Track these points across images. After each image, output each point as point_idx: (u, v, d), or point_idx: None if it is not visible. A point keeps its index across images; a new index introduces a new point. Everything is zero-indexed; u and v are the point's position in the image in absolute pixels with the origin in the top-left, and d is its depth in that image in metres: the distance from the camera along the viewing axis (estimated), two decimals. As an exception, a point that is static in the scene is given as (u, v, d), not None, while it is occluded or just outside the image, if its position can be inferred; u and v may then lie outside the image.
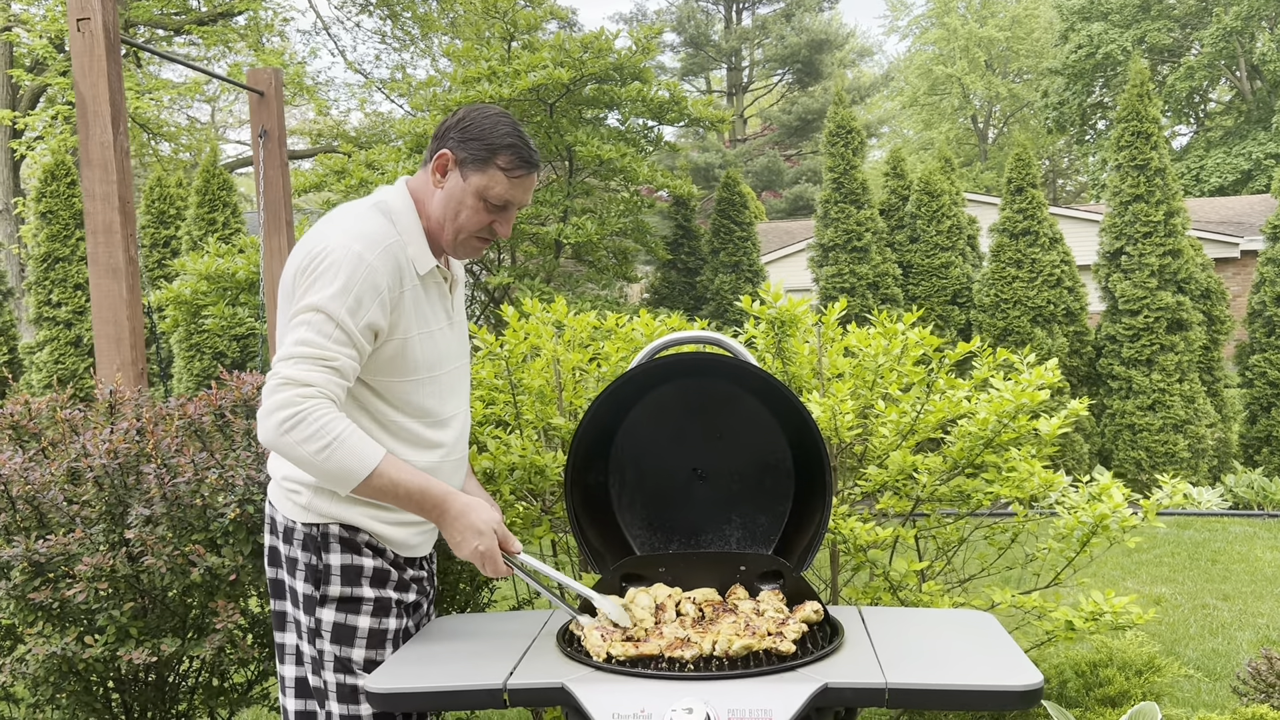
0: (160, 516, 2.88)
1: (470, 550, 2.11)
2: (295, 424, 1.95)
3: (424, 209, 2.22)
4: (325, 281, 2.03)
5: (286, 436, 1.95)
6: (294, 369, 1.98)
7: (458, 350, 2.36)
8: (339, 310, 2.01)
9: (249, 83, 6.73)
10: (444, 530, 2.13)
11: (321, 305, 2.01)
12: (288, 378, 1.97)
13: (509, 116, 2.24)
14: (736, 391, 2.61)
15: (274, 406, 1.96)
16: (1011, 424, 2.97)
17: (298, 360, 1.99)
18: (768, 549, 2.66)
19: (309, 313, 2.02)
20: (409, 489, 2.06)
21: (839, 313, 3.29)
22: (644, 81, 9.41)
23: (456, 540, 2.12)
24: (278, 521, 2.25)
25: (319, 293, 2.02)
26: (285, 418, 1.95)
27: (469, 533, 2.10)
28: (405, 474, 2.06)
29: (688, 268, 11.54)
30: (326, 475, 2.00)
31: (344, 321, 2.02)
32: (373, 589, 2.20)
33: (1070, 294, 9.61)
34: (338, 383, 2.02)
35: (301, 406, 1.95)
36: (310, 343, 2.00)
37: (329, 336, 2.01)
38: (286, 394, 1.96)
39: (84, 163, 4.99)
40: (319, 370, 1.99)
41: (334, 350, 2.01)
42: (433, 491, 2.09)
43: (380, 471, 2.02)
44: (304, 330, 2.01)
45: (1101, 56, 32.44)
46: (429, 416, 2.25)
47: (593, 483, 2.65)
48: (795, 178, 34.12)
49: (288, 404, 1.95)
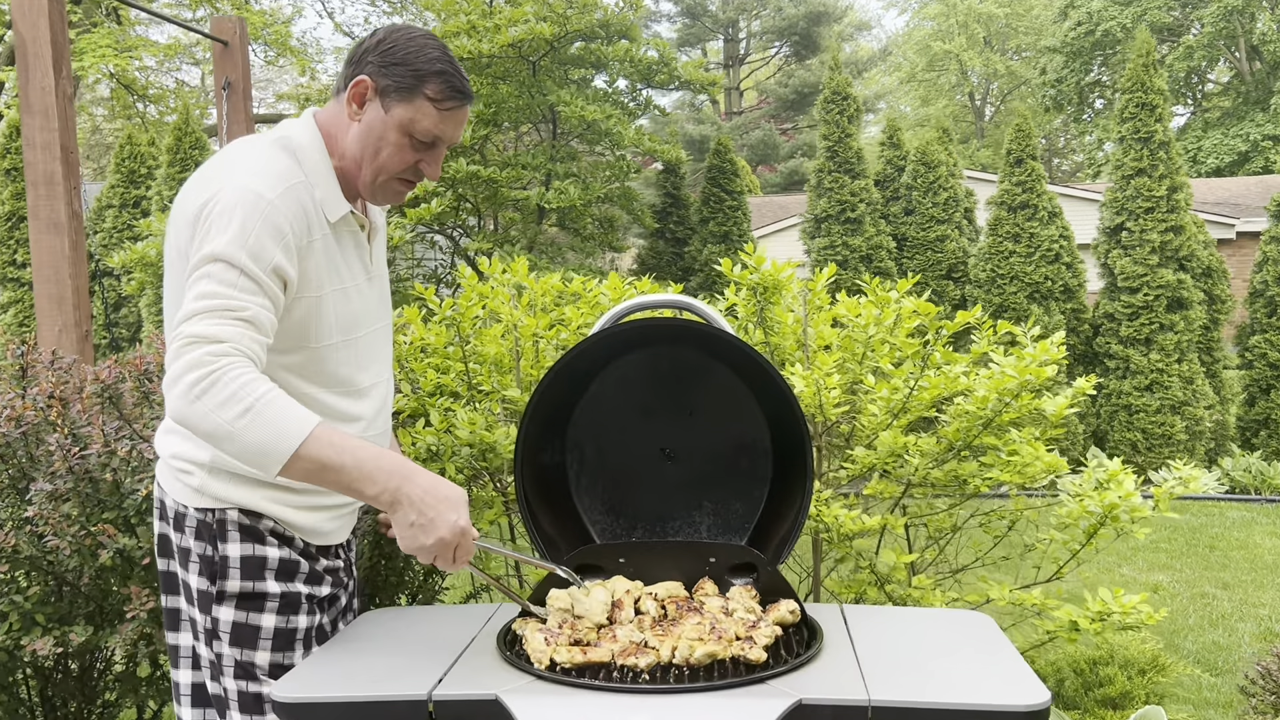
0: (66, 492, 2.59)
1: (450, 525, 1.68)
2: (209, 386, 1.60)
3: (336, 146, 1.91)
4: (219, 227, 1.72)
5: (198, 403, 1.60)
6: (200, 325, 1.65)
7: (377, 309, 2.07)
8: (239, 254, 1.70)
9: (214, 31, 6.38)
10: (406, 507, 1.67)
11: (219, 253, 1.70)
12: (194, 335, 1.64)
13: (436, 39, 1.93)
14: (710, 362, 2.33)
15: (181, 369, 1.62)
16: (1014, 403, 2.69)
17: (202, 315, 1.66)
18: (741, 538, 2.39)
19: (207, 264, 1.71)
20: (359, 452, 1.67)
21: (827, 279, 3.01)
22: (632, 40, 9.05)
23: (429, 517, 1.68)
24: (167, 506, 1.95)
25: (214, 240, 1.71)
26: (195, 380, 1.61)
27: (444, 505, 1.69)
28: (350, 442, 1.68)
29: (676, 238, 11.22)
30: (249, 449, 1.63)
31: (247, 266, 1.70)
32: (278, 583, 1.91)
33: (1069, 270, 9.33)
34: (253, 338, 1.69)
35: (215, 366, 1.62)
36: (214, 294, 1.68)
37: (234, 285, 1.69)
38: (195, 353, 1.62)
39: (24, 109, 4.66)
40: (230, 324, 1.67)
41: (243, 299, 1.69)
42: (390, 456, 1.71)
43: (320, 434, 1.64)
44: (204, 283, 1.69)
45: (1101, 34, 32.14)
46: (345, 386, 1.96)
47: (547, 462, 2.38)
48: (791, 152, 33.79)
49: (197, 364, 1.61)
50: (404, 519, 1.68)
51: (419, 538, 1.68)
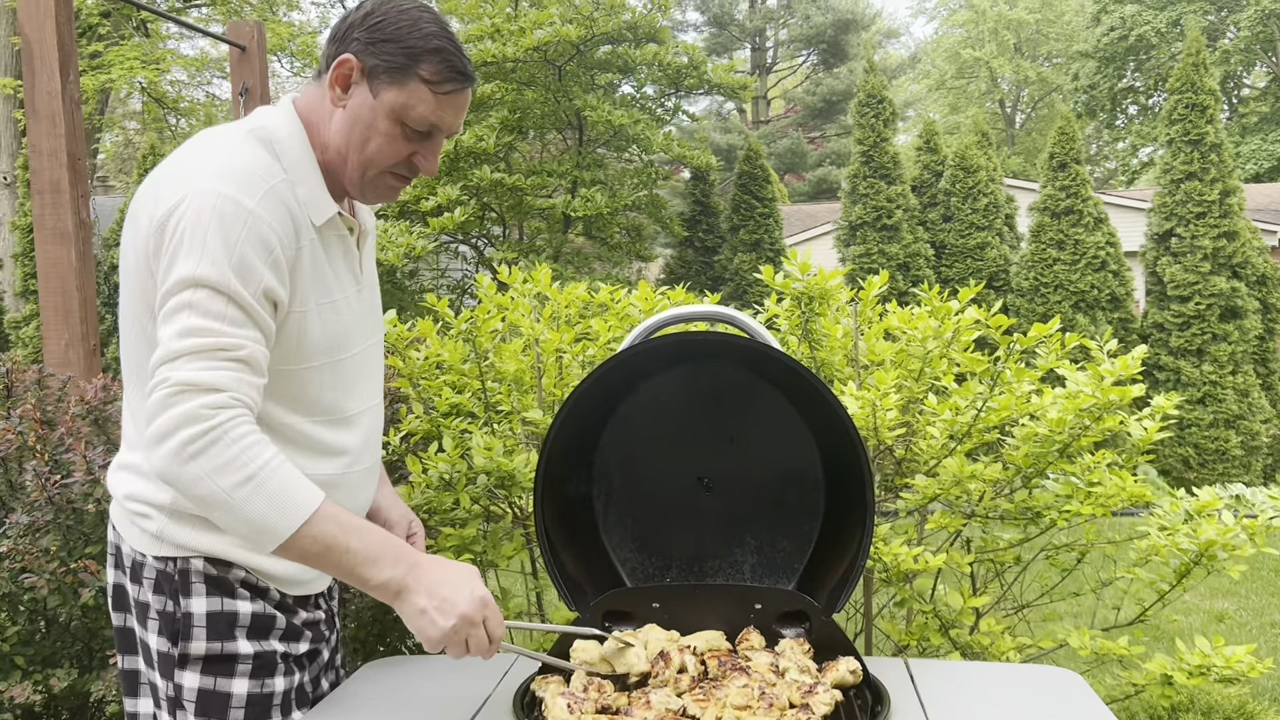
0: (45, 525, 2.36)
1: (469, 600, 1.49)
2: (206, 446, 1.38)
3: (319, 136, 1.65)
4: (194, 243, 1.45)
5: (192, 464, 1.38)
6: (189, 369, 1.40)
7: (367, 324, 1.79)
8: (225, 278, 1.45)
9: (230, 36, 6.20)
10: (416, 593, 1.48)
11: (200, 277, 1.44)
12: (184, 383, 1.39)
13: (433, 11, 1.66)
14: (753, 381, 2.07)
15: (172, 424, 1.38)
16: (1093, 426, 2.40)
17: (190, 357, 1.42)
18: (790, 582, 2.12)
19: (186, 290, 1.45)
20: (366, 534, 1.48)
21: (879, 287, 2.73)
22: (660, 43, 8.79)
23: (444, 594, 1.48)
24: (124, 553, 1.68)
25: (189, 260, 1.45)
26: (190, 437, 1.37)
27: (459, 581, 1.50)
28: (357, 522, 1.49)
29: (706, 246, 10.94)
30: (246, 522, 1.42)
31: (236, 292, 1.45)
32: (251, 642, 1.65)
33: (1116, 278, 8.97)
34: (250, 382, 1.45)
35: (214, 421, 1.38)
36: (199, 330, 1.43)
37: (222, 317, 1.44)
38: (189, 404, 1.38)
39: (29, 115, 4.48)
40: (222, 366, 1.42)
41: (235, 335, 1.44)
42: (397, 542, 1.51)
43: (326, 513, 1.44)
44: (187, 316, 1.43)
45: (1135, 39, 31.65)
46: (329, 414, 1.69)
47: (571, 494, 2.12)
48: (819, 160, 33.49)
49: (192, 418, 1.38)
50: (414, 606, 1.49)
51: (438, 621, 1.49)
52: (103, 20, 17.23)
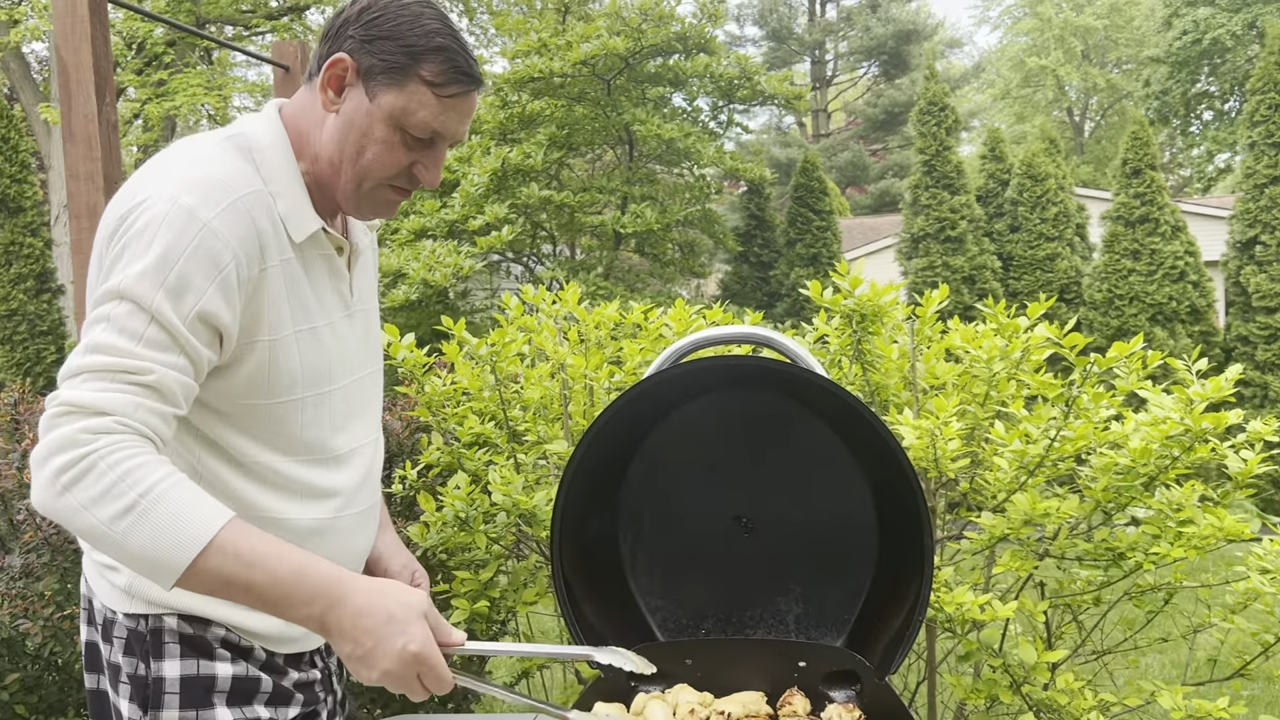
0: (40, 568, 2.22)
1: (395, 654, 1.29)
2: (79, 475, 1.21)
3: (307, 145, 1.49)
4: (134, 252, 1.30)
5: (67, 496, 1.21)
6: (81, 389, 1.25)
7: (360, 353, 1.62)
8: (151, 294, 1.29)
9: (274, 56, 6.16)
10: (341, 637, 1.30)
11: (127, 289, 1.28)
12: (70, 404, 1.23)
13: (435, 7, 1.49)
14: (797, 411, 1.88)
15: (48, 449, 1.22)
16: (1183, 456, 2.13)
17: (89, 375, 1.26)
18: (839, 636, 1.90)
19: (110, 302, 1.29)
20: (275, 568, 1.26)
21: (938, 303, 2.49)
22: (711, 54, 8.60)
23: (367, 647, 1.29)
24: (95, 609, 1.53)
25: (125, 270, 1.30)
26: (63, 465, 1.21)
27: (383, 628, 1.29)
28: (268, 544, 1.28)
29: (761, 261, 10.70)
30: (134, 559, 1.24)
31: (160, 311, 1.29)
32: (231, 709, 1.47)
33: (1196, 289, 8.53)
34: (153, 408, 1.28)
35: (90, 448, 1.21)
36: (108, 347, 1.27)
37: (137, 337, 1.28)
38: (68, 429, 1.22)
39: (66, 138, 4.42)
40: (120, 389, 1.26)
41: (146, 358, 1.28)
42: (317, 570, 1.30)
43: (222, 544, 1.24)
44: (99, 330, 1.28)
45: (1209, 43, 30.73)
46: (314, 453, 1.52)
47: (594, 535, 1.93)
48: (881, 173, 33.04)
49: (68, 443, 1.21)
50: (340, 649, 1.31)
51: (361, 671, 1.31)
52: (168, 49, 17.59)
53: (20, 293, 9.99)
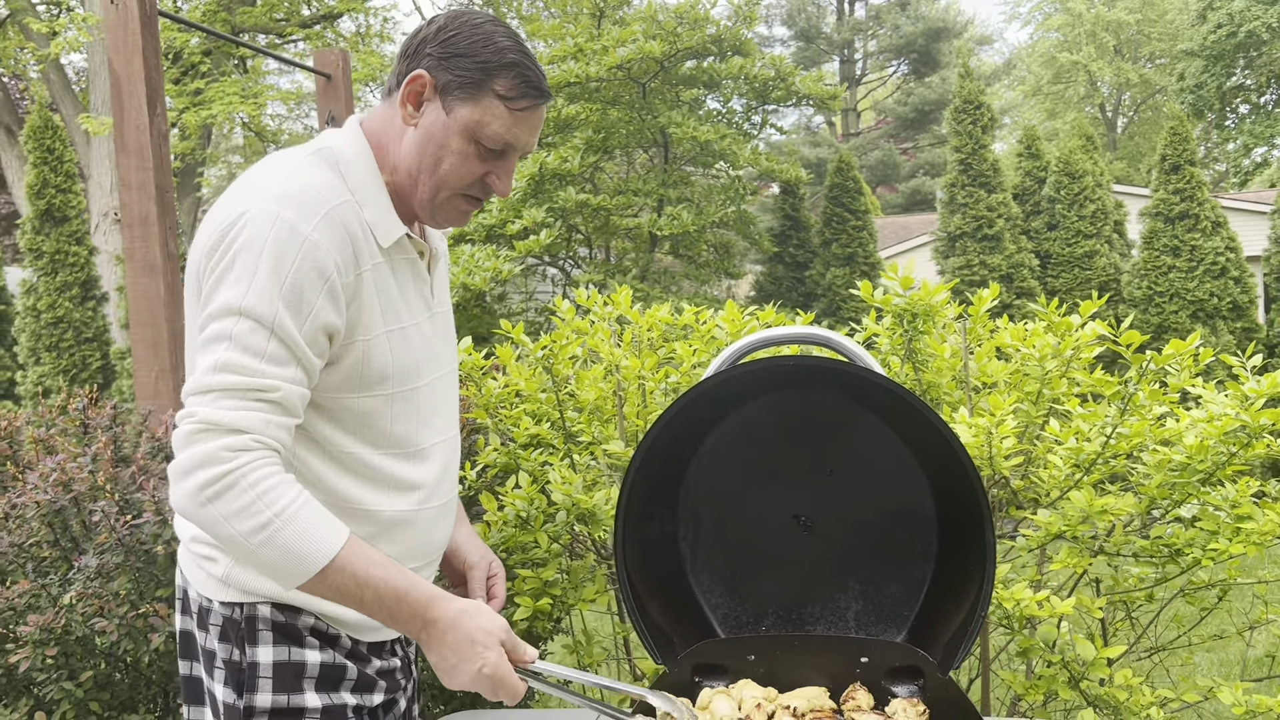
0: (115, 568, 2.29)
1: (473, 674, 1.45)
2: (223, 490, 1.32)
3: (387, 157, 1.57)
4: (244, 269, 1.38)
5: (209, 508, 1.33)
6: (215, 408, 1.34)
7: (441, 352, 1.70)
8: (271, 310, 1.37)
9: (316, 65, 6.24)
10: (430, 650, 1.47)
11: (245, 306, 1.37)
12: (207, 422, 1.33)
13: (507, 26, 1.58)
14: (854, 409, 1.89)
15: (191, 464, 1.33)
16: (1241, 452, 2.14)
17: (220, 395, 1.35)
18: (900, 632, 1.92)
19: (226, 318, 1.38)
20: (381, 589, 1.41)
21: (990, 301, 2.51)
22: (745, 55, 8.62)
23: (451, 663, 1.45)
24: (190, 598, 1.61)
25: (235, 286, 1.38)
26: (207, 481, 1.32)
27: (465, 649, 1.45)
28: (377, 568, 1.42)
29: (796, 261, 10.69)
30: (264, 566, 1.39)
31: (281, 326, 1.38)
32: (320, 695, 1.55)
33: (1237, 285, 8.44)
34: (280, 423, 1.38)
35: (232, 465, 1.32)
36: (235, 366, 1.36)
37: (261, 354, 1.37)
38: (209, 446, 1.32)
39: (118, 149, 4.53)
40: (251, 408, 1.35)
41: (271, 374, 1.37)
42: (415, 594, 1.45)
43: (341, 565, 1.38)
44: (223, 348, 1.36)
45: (1244, 35, 30.31)
46: (402, 446, 1.60)
47: (655, 535, 1.96)
48: (912, 171, 32.87)
49: (211, 459, 1.32)
50: (431, 659, 1.49)
51: (448, 679, 1.49)
52: (204, 59, 17.83)
53: (66, 300, 10.19)
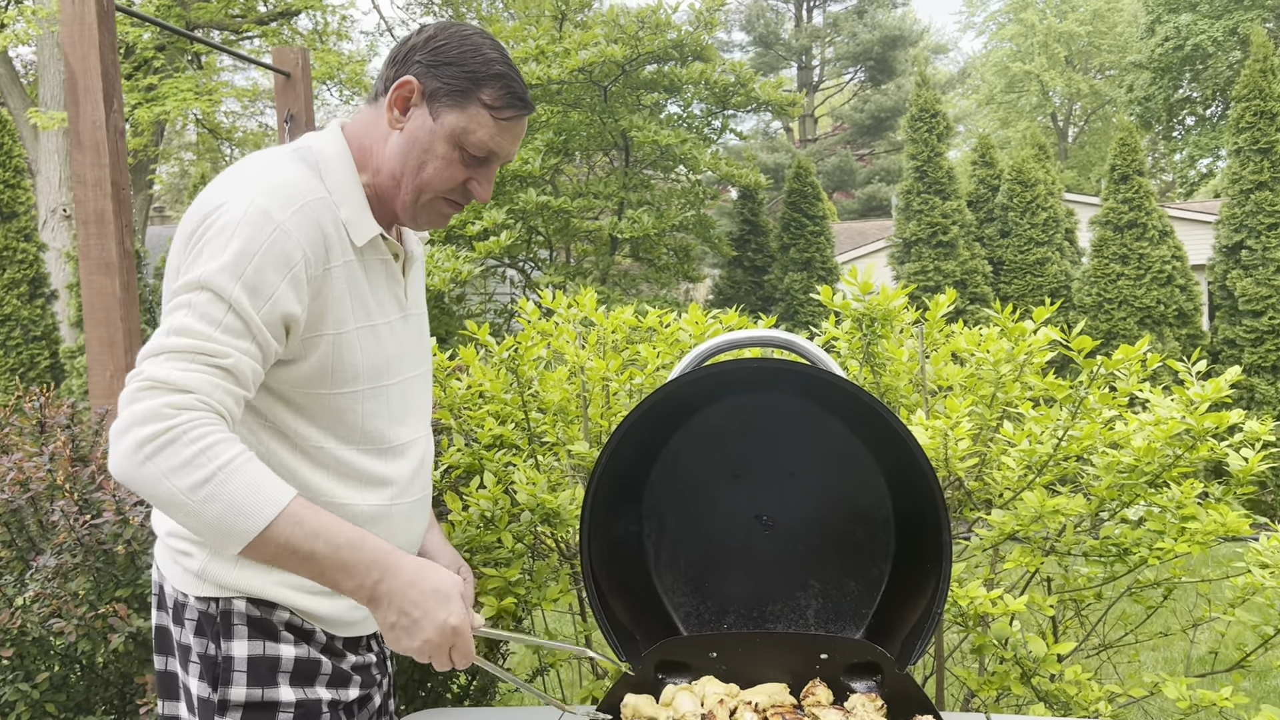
0: (73, 567, 2.27)
1: (438, 625, 1.42)
2: (162, 446, 1.31)
3: (370, 159, 1.61)
4: (214, 248, 1.42)
5: (148, 464, 1.31)
6: (164, 366, 1.35)
7: (415, 352, 1.73)
8: (231, 285, 1.40)
9: (275, 63, 6.20)
10: (388, 605, 1.43)
11: (208, 280, 1.40)
12: (155, 379, 1.34)
13: (493, 38, 1.64)
14: (815, 412, 1.93)
15: (131, 420, 1.32)
16: (1186, 455, 2.21)
17: (171, 355, 1.37)
18: (858, 628, 1.96)
19: (191, 291, 1.41)
20: (336, 538, 1.39)
21: (945, 307, 2.57)
22: (706, 61, 8.68)
23: (414, 617, 1.42)
24: (166, 593, 1.62)
25: (206, 263, 1.41)
26: (147, 437, 1.31)
27: (431, 601, 1.42)
28: (328, 518, 1.40)
29: (755, 265, 10.77)
30: (206, 525, 1.34)
31: (238, 302, 1.40)
32: (294, 689, 1.57)
33: (1183, 293, 8.65)
34: (229, 390, 1.39)
35: (174, 421, 1.32)
36: (190, 330, 1.38)
37: (216, 323, 1.39)
38: (153, 402, 1.32)
39: (74, 145, 4.47)
40: (200, 370, 1.37)
41: (224, 343, 1.39)
42: (372, 542, 1.42)
43: (290, 515, 1.36)
44: (182, 314, 1.40)
45: (1190, 49, 31.00)
46: (374, 443, 1.62)
47: (619, 534, 1.99)
48: (868, 177, 33.21)
49: (153, 415, 1.32)
50: (384, 619, 1.44)
51: (402, 640, 1.45)
52: (157, 54, 17.55)
53: (14, 298, 9.99)
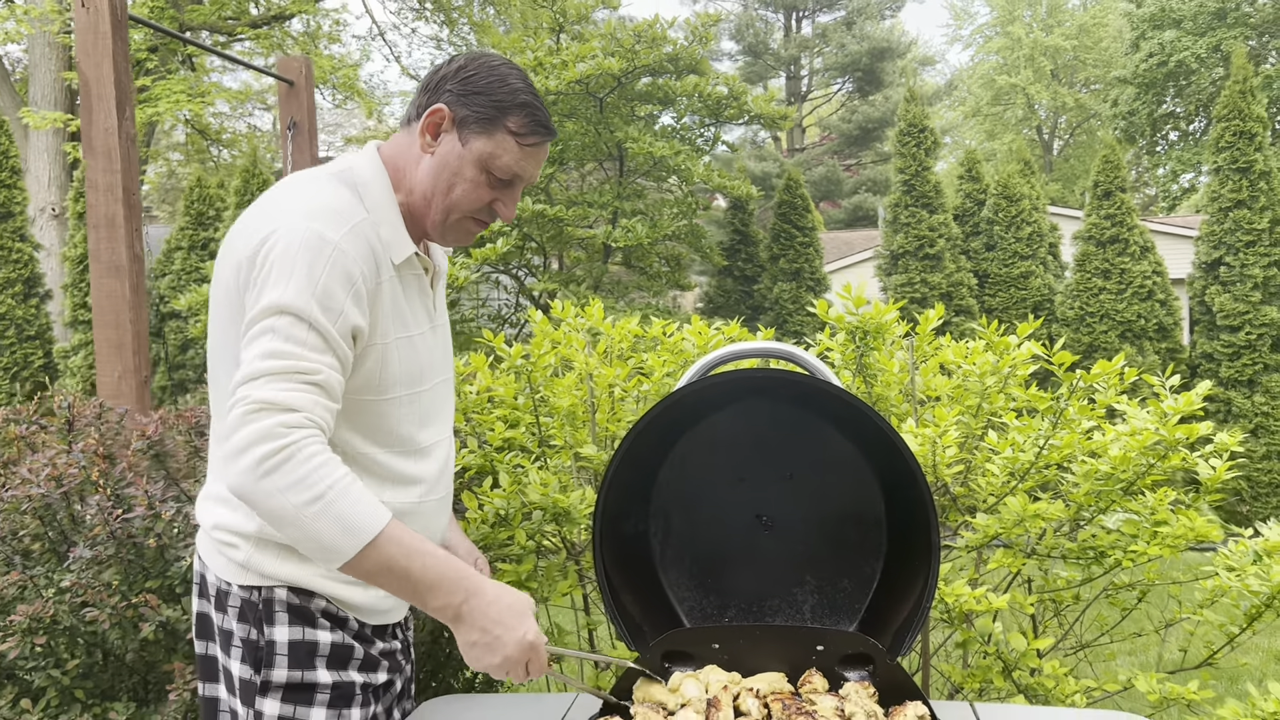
0: (107, 559, 2.38)
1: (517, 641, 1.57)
2: (280, 463, 1.43)
3: (403, 180, 1.73)
4: (281, 273, 1.53)
5: (265, 481, 1.43)
6: (268, 389, 1.47)
7: (441, 361, 1.85)
8: (308, 306, 1.51)
9: (279, 71, 6.31)
10: (470, 624, 1.56)
11: (285, 304, 1.51)
12: (263, 401, 1.45)
13: (519, 69, 1.76)
14: (813, 419, 2.06)
15: (249, 439, 1.44)
16: (1159, 464, 2.36)
17: (270, 378, 1.48)
18: (852, 622, 2.09)
19: (271, 316, 1.52)
20: (428, 560, 1.53)
21: (934, 321, 2.71)
22: (700, 74, 8.84)
23: (495, 634, 1.56)
24: (209, 582, 1.73)
25: (276, 288, 1.52)
26: (264, 455, 1.43)
27: (512, 618, 1.57)
28: (418, 544, 1.53)
29: (745, 275, 10.93)
30: (312, 539, 1.46)
31: (317, 320, 1.52)
32: (330, 672, 1.69)
33: (1163, 308, 8.84)
34: (326, 405, 1.51)
35: (287, 440, 1.44)
36: (281, 353, 1.49)
37: (302, 343, 1.51)
38: (266, 422, 1.44)
39: (86, 151, 4.57)
40: (301, 389, 1.48)
41: (313, 360, 1.51)
42: (459, 567, 1.57)
43: (390, 535, 1.49)
44: (269, 340, 1.50)
45: (1174, 65, 31.32)
46: (405, 445, 1.74)
47: (629, 532, 2.11)
48: (855, 188, 33.43)
49: (268, 435, 1.43)
50: (466, 637, 1.58)
51: (484, 657, 1.58)
52: (150, 55, 17.60)
53: (9, 297, 10.04)
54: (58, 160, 16.82)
